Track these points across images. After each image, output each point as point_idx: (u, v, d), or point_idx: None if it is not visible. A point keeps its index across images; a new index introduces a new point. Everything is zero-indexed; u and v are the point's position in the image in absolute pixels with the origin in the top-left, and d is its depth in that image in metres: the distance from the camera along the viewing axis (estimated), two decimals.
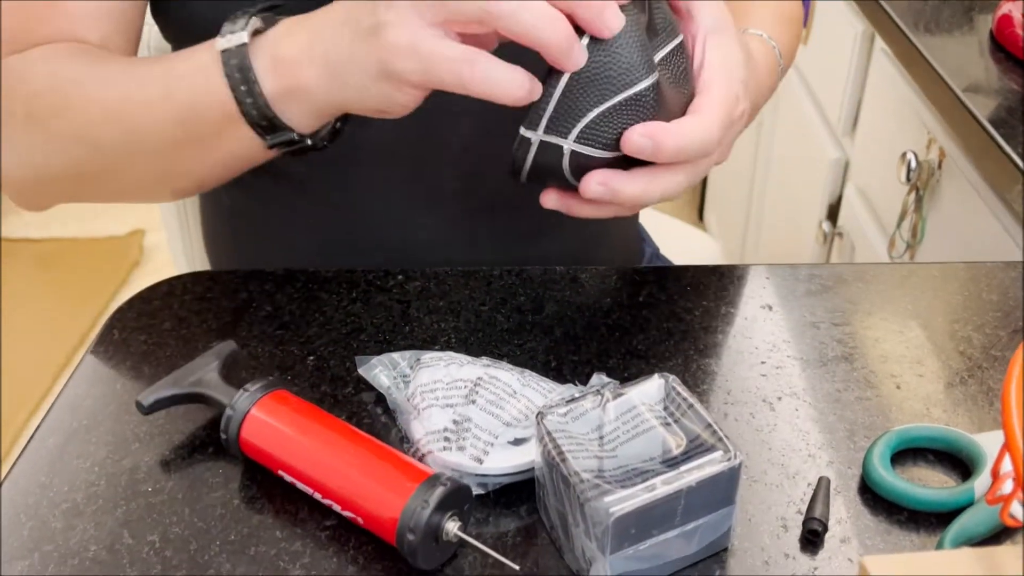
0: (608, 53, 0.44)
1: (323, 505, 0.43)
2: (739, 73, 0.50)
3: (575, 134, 0.46)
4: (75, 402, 0.50)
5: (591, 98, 0.45)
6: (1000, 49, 0.90)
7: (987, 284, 0.57)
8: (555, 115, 0.45)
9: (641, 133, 0.45)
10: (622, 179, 0.48)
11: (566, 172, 0.47)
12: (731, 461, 0.39)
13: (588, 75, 0.45)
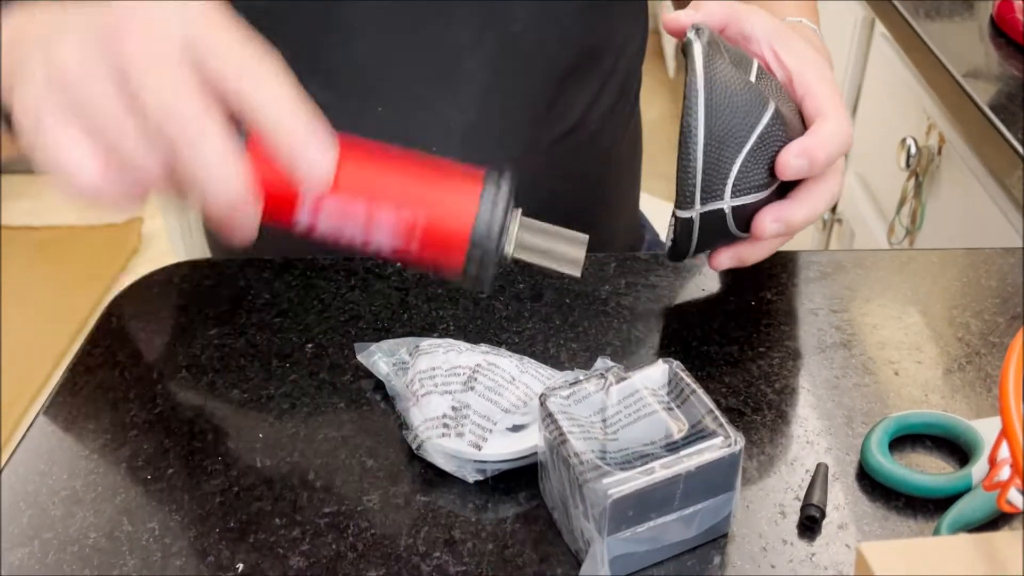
0: (725, 106, 0.45)
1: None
2: (820, 63, 0.51)
3: (729, 191, 0.47)
4: (74, 390, 0.50)
5: (729, 153, 0.46)
6: (1000, 34, 0.90)
7: (986, 270, 0.57)
8: (705, 185, 0.46)
9: (795, 155, 0.47)
10: (790, 208, 0.49)
11: (732, 229, 0.49)
12: (732, 447, 0.39)
13: (717, 134, 0.45)
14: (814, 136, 0.47)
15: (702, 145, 0.45)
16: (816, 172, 0.48)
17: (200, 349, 0.53)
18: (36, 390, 1.74)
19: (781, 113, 0.47)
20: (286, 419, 0.48)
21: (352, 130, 0.67)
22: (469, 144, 0.66)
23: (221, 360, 0.52)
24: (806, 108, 0.50)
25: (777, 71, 0.51)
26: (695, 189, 0.46)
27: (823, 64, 0.52)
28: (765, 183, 0.48)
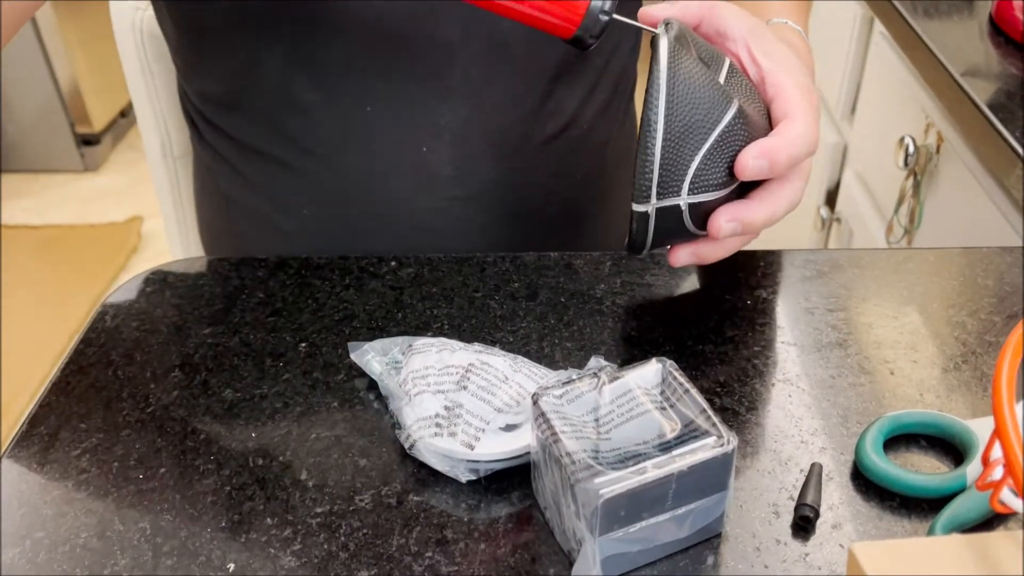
0: (686, 102, 0.45)
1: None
2: (796, 65, 0.51)
3: (686, 188, 0.46)
4: (67, 389, 0.50)
5: (688, 149, 0.46)
6: (999, 33, 0.90)
7: (983, 269, 0.57)
8: (662, 180, 0.46)
9: (754, 156, 0.46)
10: (748, 208, 0.49)
11: (689, 226, 0.48)
12: (724, 447, 0.39)
13: (677, 130, 0.45)
14: (777, 137, 0.47)
15: (660, 140, 0.45)
16: (777, 174, 0.47)
17: (193, 348, 0.53)
18: (35, 388, 1.74)
19: (745, 113, 0.47)
20: (279, 418, 0.48)
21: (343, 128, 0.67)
22: (460, 142, 0.66)
23: (214, 359, 0.52)
24: (775, 109, 0.49)
25: (750, 70, 0.51)
26: (651, 183, 0.46)
27: (798, 67, 0.51)
28: (724, 182, 0.47)
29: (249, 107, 0.68)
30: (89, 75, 2.34)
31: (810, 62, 0.62)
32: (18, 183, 2.39)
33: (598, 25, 0.47)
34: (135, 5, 0.80)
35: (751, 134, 0.47)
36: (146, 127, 0.87)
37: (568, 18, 0.47)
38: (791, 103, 0.48)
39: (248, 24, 0.63)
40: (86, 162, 2.42)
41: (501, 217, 0.70)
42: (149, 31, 0.81)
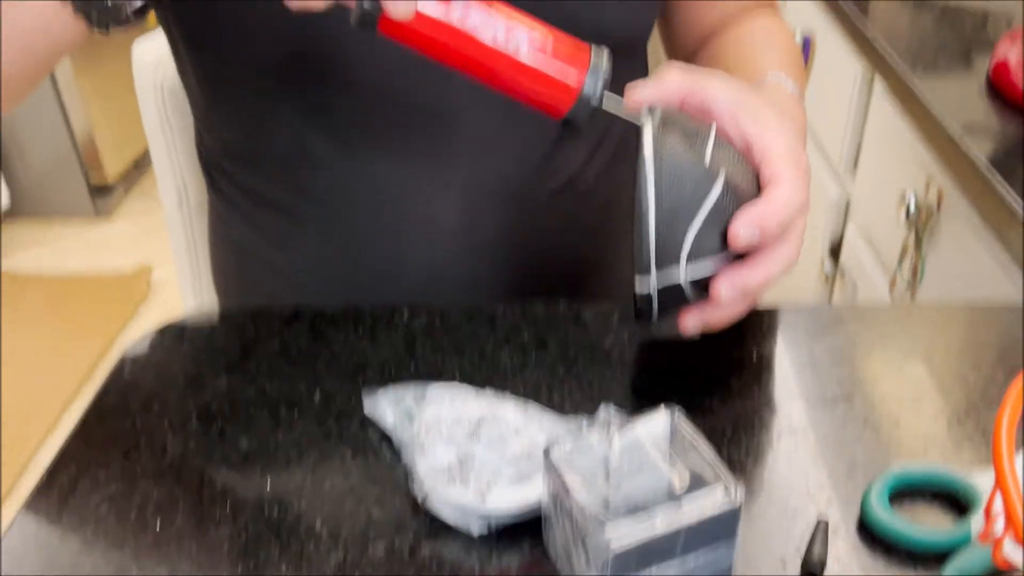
0: (674, 183, 0.47)
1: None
2: (784, 127, 0.52)
3: (684, 264, 0.48)
4: (86, 439, 0.51)
5: (680, 226, 0.47)
6: (997, 92, 0.92)
7: (984, 325, 0.58)
8: (660, 259, 0.48)
9: (744, 224, 0.47)
10: (746, 273, 0.50)
11: (690, 297, 0.50)
12: (732, 499, 0.39)
13: (667, 209, 0.47)
14: (765, 204, 0.48)
15: (654, 223, 0.47)
16: (769, 239, 0.49)
17: (210, 398, 0.54)
18: (43, 436, 1.74)
19: (733, 184, 0.48)
20: (293, 468, 0.49)
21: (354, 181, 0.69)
22: (468, 195, 0.67)
23: (231, 408, 0.53)
24: (762, 174, 0.50)
25: (736, 138, 0.52)
26: (650, 264, 0.48)
27: (785, 128, 0.52)
28: (720, 251, 0.49)
29: (263, 158, 0.70)
30: (104, 125, 2.38)
31: (801, 119, 0.63)
32: (31, 230, 2.42)
33: (588, 109, 0.49)
34: (156, 62, 0.83)
35: (741, 203, 0.48)
36: (163, 178, 0.89)
37: (561, 100, 0.48)
38: (778, 167, 0.50)
39: (264, 79, 0.65)
40: (98, 210, 2.45)
41: (508, 269, 0.71)
42: (169, 87, 0.83)
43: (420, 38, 0.47)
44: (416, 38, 0.47)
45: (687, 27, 0.78)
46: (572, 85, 0.48)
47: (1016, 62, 0.90)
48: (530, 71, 0.48)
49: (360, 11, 0.45)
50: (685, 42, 0.80)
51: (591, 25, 0.66)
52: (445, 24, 0.46)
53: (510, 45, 0.47)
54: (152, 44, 0.83)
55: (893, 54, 1.01)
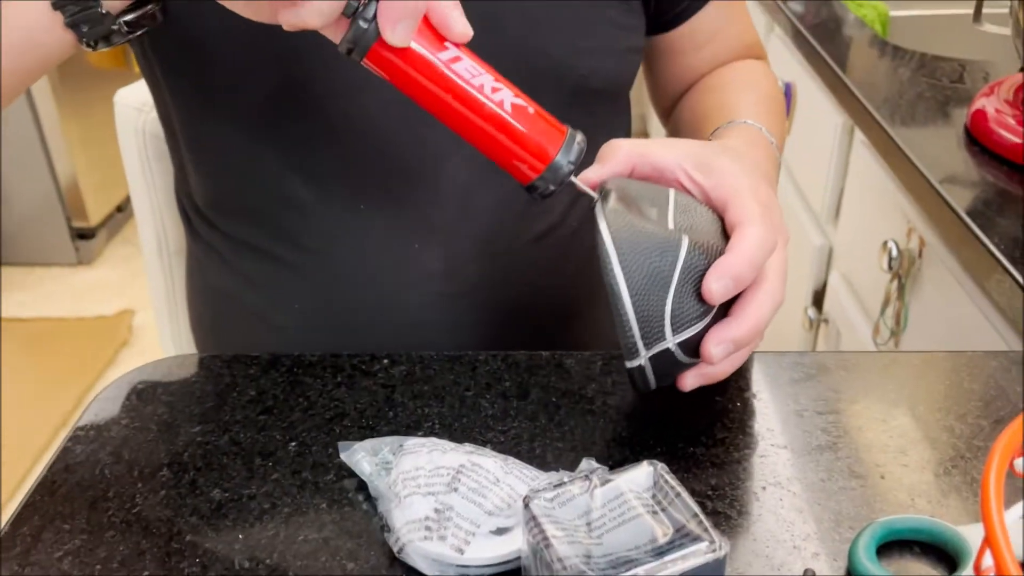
0: (638, 258, 0.47)
1: None
2: (741, 170, 0.52)
3: (670, 332, 0.48)
4: (51, 488, 0.50)
5: (657, 298, 0.47)
6: (975, 143, 0.93)
7: (968, 373, 0.58)
8: (644, 333, 0.48)
9: (716, 278, 0.47)
10: (732, 327, 0.50)
11: (684, 361, 0.50)
12: (716, 552, 0.38)
13: (639, 285, 0.47)
14: (732, 252, 0.48)
15: (629, 300, 0.47)
16: (745, 284, 0.48)
17: (183, 447, 0.52)
18: (18, 482, 1.71)
19: (699, 242, 0.48)
20: (267, 519, 0.47)
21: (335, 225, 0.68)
22: (450, 240, 0.67)
23: (203, 458, 0.51)
24: (727, 221, 0.50)
25: (695, 192, 0.52)
26: (636, 340, 0.48)
27: (744, 167, 0.52)
28: (703, 311, 0.49)
29: (244, 203, 0.69)
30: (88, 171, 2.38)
31: (765, 156, 0.63)
32: (13, 276, 2.39)
33: (556, 179, 0.49)
34: (139, 108, 0.83)
35: (711, 257, 0.48)
36: (143, 223, 0.89)
37: (533, 165, 0.48)
38: (739, 210, 0.50)
39: (246, 123, 0.65)
40: (80, 256, 2.44)
41: (490, 313, 0.71)
42: (151, 132, 0.83)
43: (406, 75, 0.46)
44: (402, 74, 0.46)
45: (671, 75, 0.79)
46: (548, 152, 0.48)
47: (994, 110, 0.91)
48: (510, 128, 0.48)
49: (354, 33, 0.45)
50: (669, 89, 0.81)
51: (574, 73, 0.66)
52: (435, 64, 0.46)
53: (495, 98, 0.47)
54: (135, 89, 0.83)
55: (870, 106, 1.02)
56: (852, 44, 1.24)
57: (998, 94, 0.95)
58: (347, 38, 0.45)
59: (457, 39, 0.46)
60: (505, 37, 0.63)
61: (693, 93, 0.77)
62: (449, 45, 0.46)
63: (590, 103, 0.69)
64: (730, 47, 0.77)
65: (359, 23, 0.44)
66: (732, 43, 0.77)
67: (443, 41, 0.46)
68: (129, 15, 0.51)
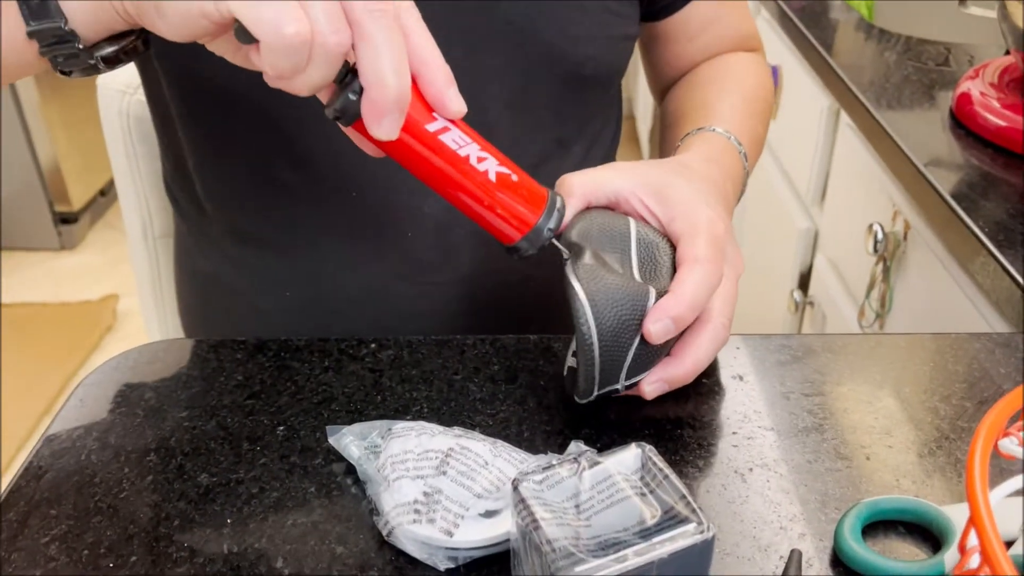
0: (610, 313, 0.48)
1: None
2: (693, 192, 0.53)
3: (624, 377, 0.50)
4: (37, 474, 0.49)
5: (622, 349, 0.49)
6: (960, 126, 0.93)
7: (953, 355, 0.58)
8: (601, 381, 0.50)
9: (654, 321, 0.48)
10: (670, 368, 0.51)
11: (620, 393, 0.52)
12: (704, 533, 0.39)
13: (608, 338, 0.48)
14: (673, 294, 0.49)
15: (598, 351, 0.48)
16: (686, 324, 0.49)
17: (169, 431, 0.52)
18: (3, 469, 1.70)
19: (661, 291, 0.49)
20: (255, 503, 0.47)
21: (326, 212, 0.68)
22: (442, 230, 0.67)
23: (191, 442, 0.51)
24: (677, 256, 0.51)
25: (652, 221, 0.53)
26: (594, 386, 0.50)
27: (700, 199, 0.53)
28: (657, 359, 0.51)
29: (234, 188, 0.69)
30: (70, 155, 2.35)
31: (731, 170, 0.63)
32: None
33: (537, 243, 0.50)
34: (122, 91, 0.82)
35: None
36: (128, 207, 0.88)
37: (516, 229, 0.49)
38: (687, 248, 0.51)
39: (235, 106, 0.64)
40: (63, 241, 2.42)
41: (480, 303, 0.71)
42: (135, 115, 0.82)
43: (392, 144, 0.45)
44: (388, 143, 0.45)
45: (664, 62, 0.79)
46: (529, 218, 0.49)
47: (978, 93, 0.92)
48: (494, 198, 0.48)
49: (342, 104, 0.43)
50: (663, 75, 0.81)
51: (568, 60, 0.66)
52: (422, 136, 0.45)
53: (480, 168, 0.47)
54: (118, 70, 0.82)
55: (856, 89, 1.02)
56: (838, 27, 1.24)
57: (983, 77, 0.95)
58: (335, 107, 0.44)
59: (451, 116, 0.45)
60: (499, 23, 0.62)
61: (681, 85, 0.77)
62: (438, 116, 0.45)
63: (583, 91, 0.69)
64: (725, 37, 0.77)
65: (348, 95, 0.43)
66: (727, 33, 0.77)
67: (431, 111, 0.45)
68: (107, 49, 0.47)
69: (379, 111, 0.42)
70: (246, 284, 0.72)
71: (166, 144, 0.73)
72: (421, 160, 0.46)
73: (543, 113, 0.67)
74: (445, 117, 0.45)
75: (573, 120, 0.70)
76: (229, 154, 0.67)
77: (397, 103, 0.41)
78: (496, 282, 0.70)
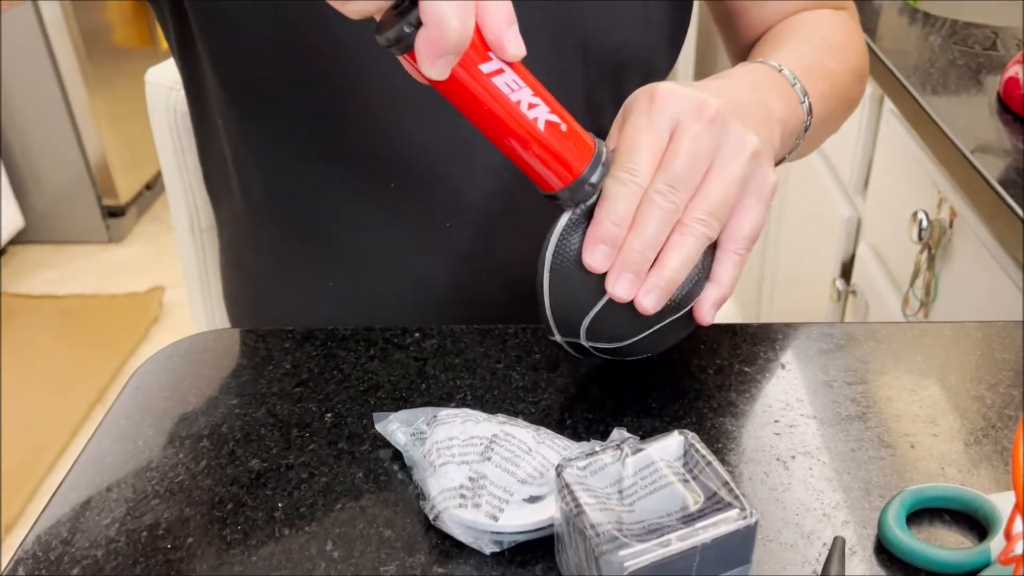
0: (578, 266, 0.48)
1: None
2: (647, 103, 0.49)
3: (584, 337, 0.50)
4: (97, 458, 0.51)
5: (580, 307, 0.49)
6: (1008, 111, 0.92)
7: (999, 343, 0.58)
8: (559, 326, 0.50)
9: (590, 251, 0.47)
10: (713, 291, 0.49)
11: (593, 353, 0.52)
12: (747, 519, 0.39)
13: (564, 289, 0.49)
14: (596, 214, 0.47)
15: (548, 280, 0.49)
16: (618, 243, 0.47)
17: (221, 419, 0.54)
18: (55, 457, 1.75)
19: None
20: (304, 488, 0.49)
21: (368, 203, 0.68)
22: (482, 219, 0.67)
23: (242, 429, 0.53)
24: None
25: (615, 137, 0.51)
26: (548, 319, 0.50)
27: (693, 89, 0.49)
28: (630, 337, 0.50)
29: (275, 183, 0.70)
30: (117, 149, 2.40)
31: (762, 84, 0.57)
32: (45, 254, 2.43)
33: (580, 195, 0.48)
34: (169, 87, 0.84)
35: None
36: (175, 201, 0.90)
37: (560, 177, 0.48)
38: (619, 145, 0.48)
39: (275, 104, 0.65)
40: (111, 234, 2.47)
41: (522, 292, 0.71)
42: (182, 111, 0.84)
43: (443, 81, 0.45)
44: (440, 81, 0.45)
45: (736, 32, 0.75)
46: (573, 169, 0.48)
47: None
48: (541, 145, 0.47)
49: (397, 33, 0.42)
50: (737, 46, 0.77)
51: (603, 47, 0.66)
52: (476, 75, 0.44)
53: (530, 114, 0.46)
54: (165, 68, 0.84)
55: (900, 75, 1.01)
56: (882, 11, 1.23)
57: None
58: (388, 35, 0.42)
59: (509, 59, 0.44)
60: (534, 10, 0.63)
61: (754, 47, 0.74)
62: (493, 56, 0.44)
63: (620, 81, 0.68)
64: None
65: (403, 27, 0.41)
66: None
67: (488, 51, 0.44)
68: None
69: (434, 51, 0.40)
70: (290, 277, 0.73)
71: (207, 140, 0.75)
72: (470, 99, 0.45)
73: (578, 104, 0.67)
74: (501, 58, 0.44)
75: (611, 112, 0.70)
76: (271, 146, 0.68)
77: (456, 46, 0.40)
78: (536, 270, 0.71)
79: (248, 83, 0.66)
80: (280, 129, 0.67)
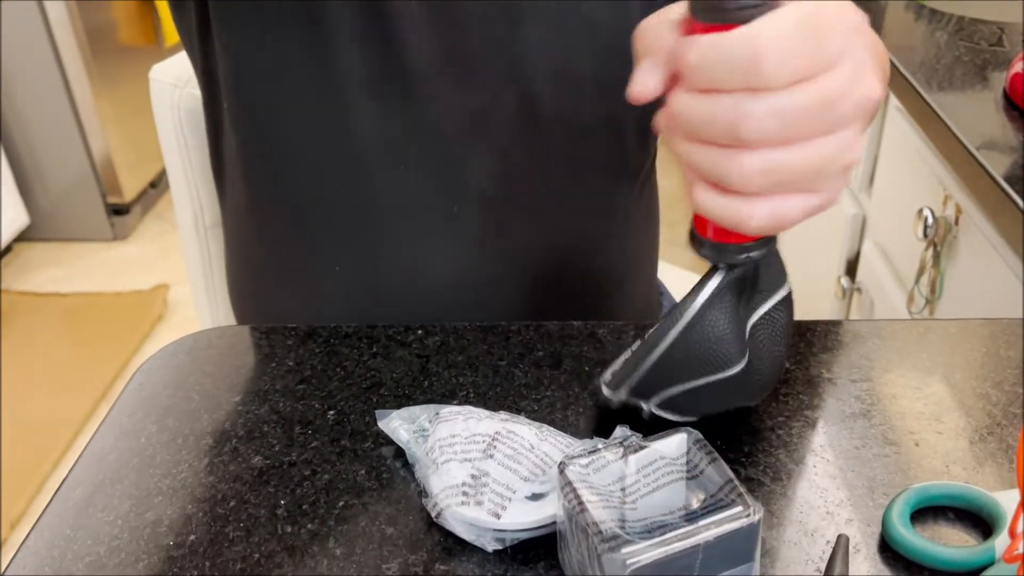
0: (707, 340, 0.45)
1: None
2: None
3: (656, 402, 0.48)
4: (100, 455, 0.51)
5: (679, 376, 0.46)
6: (1014, 107, 0.91)
7: (1005, 340, 0.57)
8: (640, 385, 0.47)
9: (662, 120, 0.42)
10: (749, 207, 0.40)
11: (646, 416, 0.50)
12: (750, 517, 0.39)
13: (681, 355, 0.45)
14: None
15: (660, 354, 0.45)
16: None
17: (224, 416, 0.54)
18: (60, 454, 1.75)
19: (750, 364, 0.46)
20: (307, 486, 0.49)
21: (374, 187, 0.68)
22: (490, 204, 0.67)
23: (245, 426, 0.53)
24: None
25: None
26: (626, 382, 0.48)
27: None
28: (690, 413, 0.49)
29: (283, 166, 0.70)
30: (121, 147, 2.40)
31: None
32: (50, 252, 2.44)
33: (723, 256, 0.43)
34: (174, 84, 0.84)
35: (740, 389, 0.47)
36: (180, 199, 0.90)
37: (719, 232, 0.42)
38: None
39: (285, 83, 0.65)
40: (115, 231, 2.47)
41: (527, 279, 0.71)
42: (186, 108, 0.84)
43: None
44: None
45: None
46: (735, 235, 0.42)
47: None
48: None
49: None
50: None
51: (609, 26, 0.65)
52: None
53: None
54: (169, 66, 0.84)
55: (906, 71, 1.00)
56: (888, 7, 1.22)
57: None
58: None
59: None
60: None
61: None
62: None
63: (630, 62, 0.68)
64: None
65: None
66: None
67: None
68: None
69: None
70: (297, 263, 0.73)
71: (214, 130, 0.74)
72: None
73: (588, 85, 0.66)
74: None
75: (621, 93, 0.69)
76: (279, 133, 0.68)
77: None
78: (542, 259, 0.70)
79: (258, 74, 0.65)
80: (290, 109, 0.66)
